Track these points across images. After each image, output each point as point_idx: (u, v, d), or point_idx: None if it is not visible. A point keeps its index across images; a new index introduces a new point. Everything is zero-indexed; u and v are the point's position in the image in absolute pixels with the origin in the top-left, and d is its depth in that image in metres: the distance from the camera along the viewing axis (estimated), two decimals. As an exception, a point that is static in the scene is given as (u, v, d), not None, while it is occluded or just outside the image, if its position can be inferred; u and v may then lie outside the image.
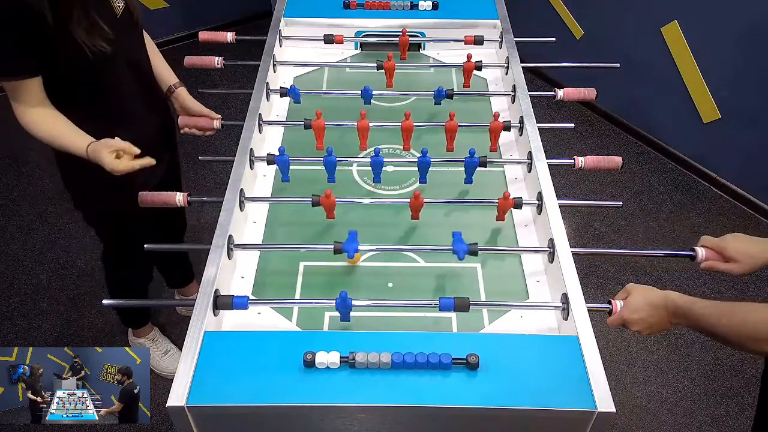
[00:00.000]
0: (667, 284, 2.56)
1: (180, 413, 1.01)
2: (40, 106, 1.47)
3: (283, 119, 1.77)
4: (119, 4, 1.50)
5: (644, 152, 3.28)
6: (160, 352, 2.23)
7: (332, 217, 1.41)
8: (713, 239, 1.31)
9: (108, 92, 1.54)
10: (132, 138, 1.48)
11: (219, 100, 3.47)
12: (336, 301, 1.16)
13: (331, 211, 1.40)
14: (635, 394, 2.23)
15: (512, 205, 1.39)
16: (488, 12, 2.03)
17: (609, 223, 2.87)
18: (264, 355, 1.08)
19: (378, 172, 1.50)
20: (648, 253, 1.83)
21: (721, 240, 1.29)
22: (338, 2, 2.04)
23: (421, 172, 1.49)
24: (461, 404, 1.01)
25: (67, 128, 1.49)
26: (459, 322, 1.26)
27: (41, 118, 1.47)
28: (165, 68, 1.79)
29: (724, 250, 1.28)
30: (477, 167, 1.49)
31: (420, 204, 1.39)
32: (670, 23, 2.91)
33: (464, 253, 1.27)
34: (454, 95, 1.71)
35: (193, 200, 1.49)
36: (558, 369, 1.07)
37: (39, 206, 2.91)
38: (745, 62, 2.72)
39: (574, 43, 3.42)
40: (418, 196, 1.38)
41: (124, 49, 1.52)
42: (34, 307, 2.48)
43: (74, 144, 1.49)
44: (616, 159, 1.55)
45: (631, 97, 3.30)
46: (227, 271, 1.28)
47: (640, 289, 1.21)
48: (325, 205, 1.39)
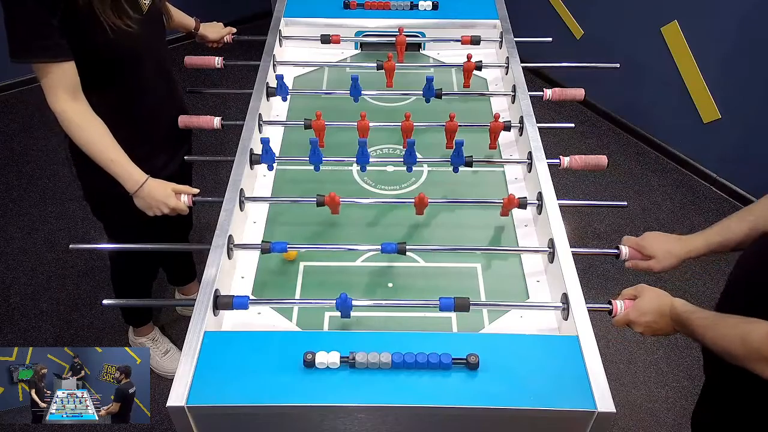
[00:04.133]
0: (667, 284, 2.56)
1: (180, 413, 1.01)
2: (77, 101, 1.43)
3: (283, 119, 1.77)
4: (145, 1, 1.50)
5: (644, 152, 3.28)
6: (160, 352, 2.23)
7: (337, 212, 1.41)
8: (634, 238, 1.35)
9: (131, 80, 1.54)
10: (151, 129, 1.49)
11: (219, 100, 3.48)
12: (336, 302, 1.16)
13: (336, 207, 1.40)
14: (635, 394, 2.23)
15: (517, 204, 1.39)
16: (488, 12, 2.03)
17: (609, 223, 2.87)
18: (264, 355, 1.08)
19: (364, 162, 1.50)
20: (574, 251, 1.75)
21: (641, 238, 1.33)
22: (338, 2, 2.04)
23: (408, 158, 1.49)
24: (461, 404, 1.01)
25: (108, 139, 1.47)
26: (459, 322, 1.26)
27: (84, 118, 1.44)
28: (180, 14, 1.88)
29: (644, 248, 1.32)
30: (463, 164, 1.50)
31: (425, 204, 1.39)
32: (670, 23, 2.91)
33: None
34: (443, 95, 1.71)
35: (196, 200, 1.50)
36: (558, 369, 1.07)
37: (39, 206, 2.91)
38: (745, 62, 2.72)
39: (574, 43, 3.42)
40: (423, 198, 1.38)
41: (149, 42, 1.52)
42: (34, 307, 2.48)
43: (122, 165, 1.47)
44: (601, 158, 1.55)
45: (631, 97, 3.30)
46: (227, 271, 1.28)
47: (650, 293, 1.21)
48: (330, 205, 1.39)
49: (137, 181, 1.48)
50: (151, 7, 1.52)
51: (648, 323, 1.19)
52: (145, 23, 1.47)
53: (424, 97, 1.71)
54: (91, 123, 1.45)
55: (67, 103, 1.41)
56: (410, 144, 1.46)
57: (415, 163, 1.50)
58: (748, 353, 1.00)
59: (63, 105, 1.41)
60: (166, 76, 1.66)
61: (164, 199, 1.49)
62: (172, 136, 1.74)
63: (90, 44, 1.40)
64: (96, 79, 1.48)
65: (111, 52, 1.43)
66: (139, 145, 1.63)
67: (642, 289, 1.23)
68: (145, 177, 1.49)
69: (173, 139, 1.75)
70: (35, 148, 3.18)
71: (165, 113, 1.69)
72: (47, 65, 1.37)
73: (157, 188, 1.50)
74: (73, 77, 1.41)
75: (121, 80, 1.52)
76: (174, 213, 1.52)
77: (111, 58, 1.45)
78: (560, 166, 1.55)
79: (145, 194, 1.49)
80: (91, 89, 1.48)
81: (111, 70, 1.49)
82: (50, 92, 1.40)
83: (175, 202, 1.50)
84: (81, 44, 1.39)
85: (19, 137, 3.25)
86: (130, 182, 1.49)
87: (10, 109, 3.43)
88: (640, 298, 1.21)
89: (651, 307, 1.19)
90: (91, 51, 1.41)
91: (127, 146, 1.57)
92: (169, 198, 1.49)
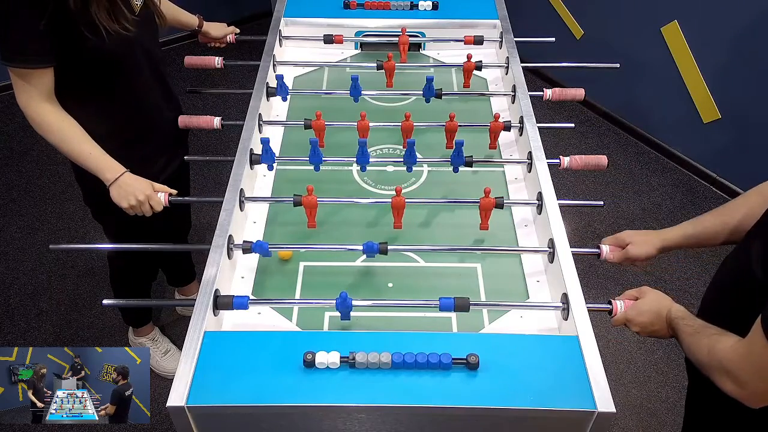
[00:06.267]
0: (668, 284, 2.56)
1: (180, 413, 1.01)
2: (51, 102, 1.44)
3: (283, 119, 1.77)
4: (137, 2, 1.50)
5: (644, 152, 3.28)
6: (160, 352, 2.23)
7: (313, 225, 1.39)
8: (611, 236, 1.39)
9: (126, 83, 1.54)
10: (148, 129, 1.49)
11: (219, 100, 3.48)
12: (336, 301, 1.16)
13: (313, 211, 1.38)
14: (635, 394, 2.23)
15: (494, 205, 1.38)
16: (488, 12, 2.03)
17: (609, 223, 2.87)
18: (264, 355, 1.08)
19: (364, 162, 1.50)
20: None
21: (619, 234, 1.37)
22: (338, 2, 2.04)
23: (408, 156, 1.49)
24: (461, 404, 1.01)
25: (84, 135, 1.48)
26: (459, 322, 1.26)
27: (58, 117, 1.44)
28: (183, 13, 1.88)
29: (622, 240, 1.35)
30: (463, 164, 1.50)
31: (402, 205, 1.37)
32: (670, 23, 2.91)
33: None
34: (443, 95, 1.71)
35: (172, 200, 1.50)
36: (558, 369, 1.06)
37: (39, 206, 2.91)
38: (745, 62, 2.72)
39: (574, 43, 3.42)
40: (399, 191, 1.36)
41: (143, 44, 1.52)
42: (34, 307, 2.48)
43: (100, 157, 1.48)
44: (601, 158, 1.55)
45: (631, 97, 3.30)
46: (227, 271, 1.28)
47: (652, 296, 1.21)
48: (306, 207, 1.37)
49: (116, 171, 1.48)
50: (143, 8, 1.51)
51: (644, 324, 1.19)
52: (137, 24, 1.46)
53: (424, 97, 1.71)
54: (66, 121, 1.45)
55: (40, 105, 1.41)
56: (410, 144, 1.46)
57: (415, 163, 1.50)
58: (711, 363, 1.03)
59: (36, 107, 1.41)
60: (161, 77, 1.66)
61: (142, 188, 1.48)
62: (171, 137, 1.74)
63: (82, 47, 1.39)
64: (90, 82, 1.48)
65: (103, 53, 1.42)
66: (139, 147, 1.63)
67: (645, 291, 1.23)
68: (123, 169, 1.49)
69: (171, 141, 1.75)
70: (35, 148, 3.17)
71: (162, 114, 1.69)
72: (26, 70, 1.36)
73: (135, 179, 1.50)
74: (50, 82, 1.41)
75: (116, 82, 1.52)
76: (149, 210, 1.51)
77: (103, 59, 1.45)
78: (560, 166, 1.55)
79: (122, 182, 1.48)
80: (85, 93, 1.48)
81: (104, 72, 1.48)
82: (24, 94, 1.40)
83: (151, 192, 1.49)
84: (73, 47, 1.38)
85: (19, 137, 3.24)
86: (108, 172, 1.48)
87: (10, 109, 3.42)
88: (641, 299, 1.21)
89: (650, 308, 1.19)
90: (84, 54, 1.41)
91: (126, 149, 1.57)
92: (147, 188, 1.49)
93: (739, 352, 0.98)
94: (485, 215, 1.39)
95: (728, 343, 1.00)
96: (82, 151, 1.46)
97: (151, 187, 1.50)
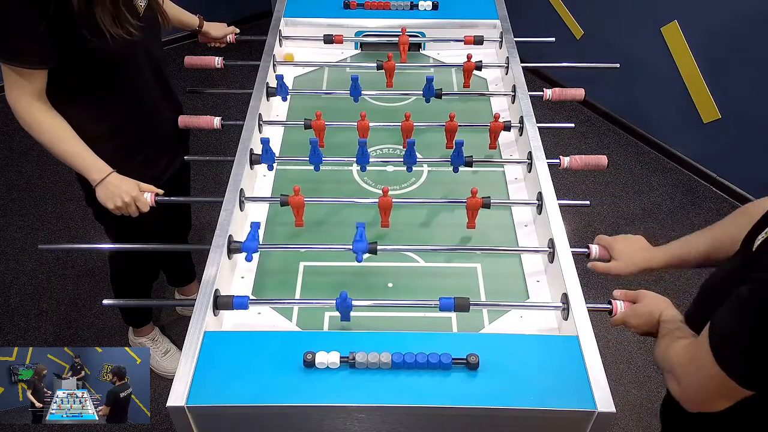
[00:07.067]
0: (668, 284, 2.56)
1: (180, 413, 1.01)
2: (42, 101, 1.44)
3: (283, 119, 1.77)
4: (141, 4, 1.50)
5: (644, 152, 3.28)
6: (160, 352, 2.23)
7: (301, 224, 1.40)
8: (607, 237, 1.35)
9: (126, 83, 1.54)
10: (148, 129, 1.49)
11: (219, 100, 3.48)
12: (336, 301, 1.16)
13: (300, 211, 1.39)
14: (635, 394, 2.23)
15: (481, 205, 1.38)
16: (488, 12, 2.03)
17: (609, 223, 2.87)
18: (264, 355, 1.08)
19: (364, 162, 1.50)
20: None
21: (614, 240, 1.34)
22: (338, 2, 2.04)
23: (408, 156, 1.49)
24: (461, 404, 1.01)
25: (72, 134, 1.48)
26: (459, 322, 1.26)
27: (48, 115, 1.45)
28: (183, 13, 1.88)
29: (612, 249, 1.32)
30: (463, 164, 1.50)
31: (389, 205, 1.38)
32: (670, 23, 2.91)
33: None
34: (443, 95, 1.71)
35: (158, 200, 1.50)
36: (558, 369, 1.07)
37: (39, 206, 2.91)
38: (745, 62, 2.72)
39: (574, 43, 3.42)
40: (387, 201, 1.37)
41: (145, 45, 1.52)
42: (34, 307, 2.48)
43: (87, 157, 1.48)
44: (601, 158, 1.55)
45: (631, 97, 3.30)
46: (227, 271, 1.28)
47: (650, 299, 1.21)
48: (293, 207, 1.37)
49: (102, 171, 1.49)
50: (146, 10, 1.51)
51: (639, 326, 1.20)
52: (141, 27, 1.46)
53: (424, 97, 1.71)
54: (55, 120, 1.45)
55: (32, 103, 1.42)
56: (410, 144, 1.46)
57: (415, 163, 1.50)
58: (663, 363, 1.05)
59: (27, 105, 1.42)
60: (162, 77, 1.66)
61: (128, 189, 1.48)
62: (171, 137, 1.74)
63: (84, 48, 1.39)
64: (90, 82, 1.47)
65: (105, 55, 1.42)
66: (140, 148, 1.63)
67: (643, 295, 1.23)
68: (110, 169, 1.50)
69: (172, 141, 1.75)
70: (35, 148, 3.17)
71: (162, 114, 1.69)
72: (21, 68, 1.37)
73: (122, 180, 1.50)
74: (43, 81, 1.41)
75: (116, 82, 1.52)
76: (135, 211, 1.51)
77: (105, 61, 1.45)
78: (560, 166, 1.55)
79: (108, 182, 1.48)
80: (85, 93, 1.48)
81: (104, 72, 1.48)
82: (15, 90, 1.41)
83: (138, 193, 1.49)
84: (74, 49, 1.38)
85: (19, 137, 3.24)
86: (95, 172, 1.48)
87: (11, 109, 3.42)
88: (639, 303, 1.21)
89: (646, 312, 1.19)
90: (85, 55, 1.41)
91: (127, 150, 1.57)
92: (133, 189, 1.49)
93: (686, 353, 0.99)
94: (472, 215, 1.40)
95: (680, 344, 1.01)
96: (70, 150, 1.47)
97: (137, 187, 1.50)
